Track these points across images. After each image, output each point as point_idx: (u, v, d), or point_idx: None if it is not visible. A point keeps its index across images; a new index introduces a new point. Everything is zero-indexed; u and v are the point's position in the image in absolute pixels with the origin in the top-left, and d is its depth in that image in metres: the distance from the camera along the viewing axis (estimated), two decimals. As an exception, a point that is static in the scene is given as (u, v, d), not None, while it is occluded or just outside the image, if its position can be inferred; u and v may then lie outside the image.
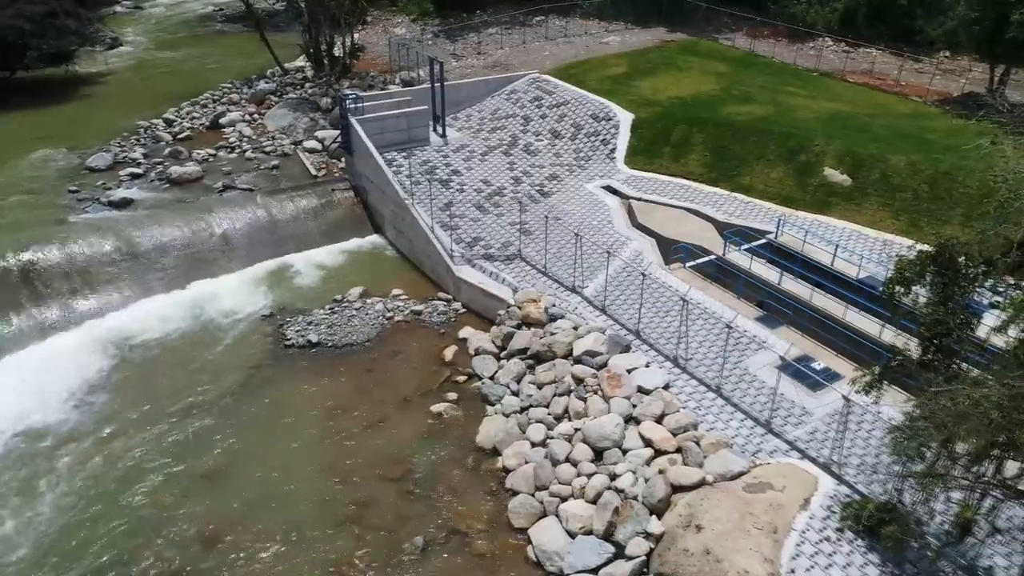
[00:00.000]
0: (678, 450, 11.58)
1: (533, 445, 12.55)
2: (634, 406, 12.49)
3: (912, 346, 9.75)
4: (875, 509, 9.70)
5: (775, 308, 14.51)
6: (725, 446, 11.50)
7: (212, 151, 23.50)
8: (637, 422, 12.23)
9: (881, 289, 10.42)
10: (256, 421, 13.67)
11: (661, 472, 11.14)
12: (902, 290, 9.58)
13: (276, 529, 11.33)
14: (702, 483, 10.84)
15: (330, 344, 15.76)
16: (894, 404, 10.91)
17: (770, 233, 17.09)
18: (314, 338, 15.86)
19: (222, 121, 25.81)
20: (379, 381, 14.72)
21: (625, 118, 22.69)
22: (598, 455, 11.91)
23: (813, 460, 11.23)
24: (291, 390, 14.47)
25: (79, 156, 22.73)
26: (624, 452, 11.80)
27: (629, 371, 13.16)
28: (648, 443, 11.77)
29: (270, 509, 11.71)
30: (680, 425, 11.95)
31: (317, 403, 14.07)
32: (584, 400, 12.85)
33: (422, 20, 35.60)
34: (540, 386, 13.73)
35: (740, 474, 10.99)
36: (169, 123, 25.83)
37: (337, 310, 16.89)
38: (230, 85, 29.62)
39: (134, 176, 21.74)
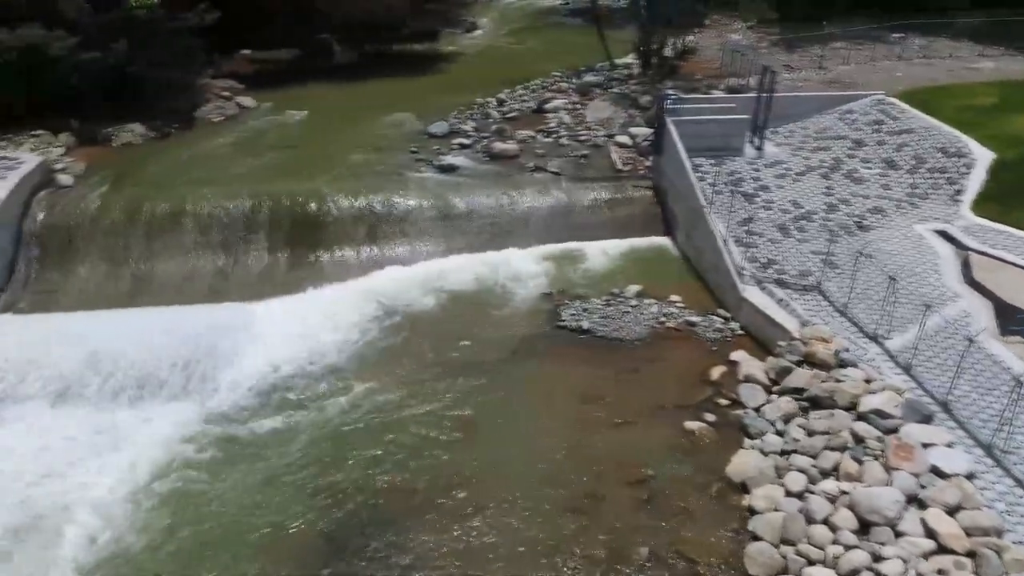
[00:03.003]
0: (970, 554, 9.63)
1: (788, 494, 11.36)
2: (922, 487, 10.66)
3: None
4: None
5: None
6: (1037, 569, 9.31)
7: (532, 133, 25.00)
8: (922, 506, 10.43)
9: None
10: (515, 389, 14.33)
11: (941, 573, 9.36)
12: None
13: (507, 495, 11.76)
14: (995, 603, 8.90)
15: (599, 334, 15.91)
16: None
17: None
18: (586, 325, 16.14)
19: (547, 107, 27.32)
20: (639, 382, 14.51)
21: (983, 156, 19.38)
22: (864, 528, 10.39)
23: None
24: (554, 369, 14.91)
25: (423, 123, 25.69)
26: (897, 535, 10.14)
27: (924, 446, 11.25)
28: (931, 535, 9.97)
29: (506, 475, 12.20)
30: (979, 526, 9.92)
31: (574, 387, 14.31)
32: (860, 462, 11.30)
33: (762, 27, 34.04)
34: (811, 433, 12.38)
35: (1052, 610, 8.82)
36: (501, 103, 28.05)
37: (613, 303, 16.98)
38: (560, 74, 31.24)
39: (462, 146, 23.97)
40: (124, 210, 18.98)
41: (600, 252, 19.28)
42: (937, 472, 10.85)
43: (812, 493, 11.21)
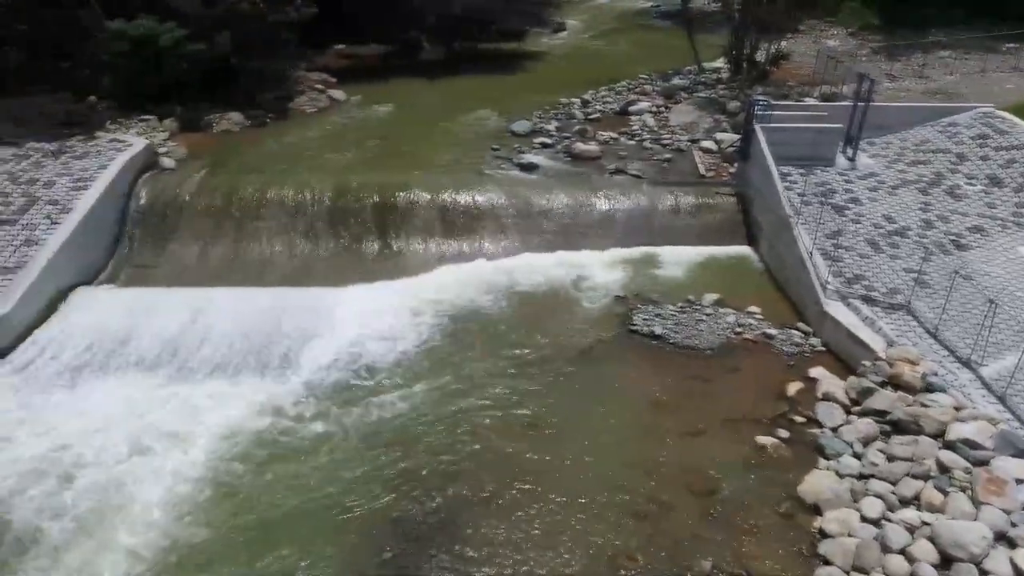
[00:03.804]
0: (1063, 601, 9.02)
1: (864, 519, 10.89)
2: (1013, 524, 10.03)
3: None
4: None
5: None
6: None
7: (614, 135, 24.82)
8: (1012, 545, 9.82)
9: None
10: (584, 391, 14.28)
11: (1029, 617, 8.81)
12: None
13: (570, 495, 11.73)
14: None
15: (672, 341, 15.67)
16: None
17: None
18: (658, 331, 15.91)
19: (631, 109, 27.07)
20: (710, 393, 14.21)
21: (1102, 178, 18.03)
22: (945, 563, 9.86)
23: None
24: (624, 373, 14.78)
25: (506, 120, 25.90)
26: (982, 573, 9.58)
27: (1019, 481, 10.59)
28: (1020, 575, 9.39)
29: (571, 475, 12.17)
30: (1075, 571, 9.27)
31: (644, 393, 14.15)
32: (945, 493, 10.74)
33: (861, 34, 32.69)
34: (891, 458, 11.82)
35: None
36: (585, 103, 27.96)
37: (687, 310, 16.68)
38: (646, 77, 30.92)
39: (544, 145, 24.02)
40: (219, 194, 19.92)
41: (678, 258, 18.96)
42: (1030, 510, 10.20)
43: (890, 521, 10.73)
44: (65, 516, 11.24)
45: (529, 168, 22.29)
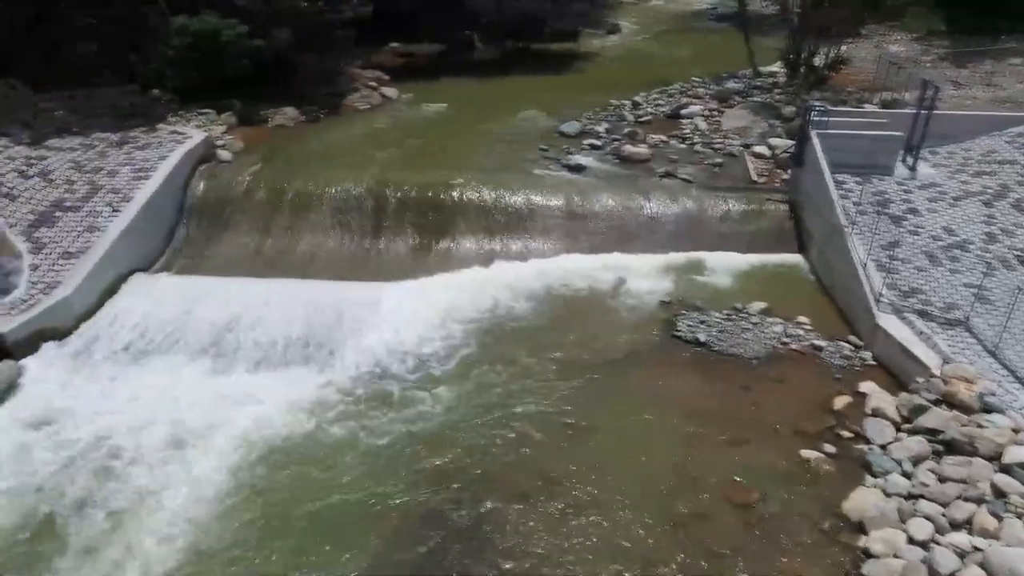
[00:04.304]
0: (1124, 638, 8.56)
1: (911, 541, 10.52)
2: (1072, 555, 9.57)
3: None
4: None
5: None
6: None
7: (664, 138, 24.52)
8: (1070, 576, 9.36)
9: None
10: (624, 395, 14.14)
11: (1086, 653, 8.38)
12: None
13: (607, 499, 11.64)
14: None
15: (716, 348, 15.40)
16: None
17: None
18: (702, 337, 15.66)
19: (682, 112, 26.70)
20: (754, 402, 13.92)
21: None
22: (997, 591, 9.48)
23: None
24: (666, 378, 14.59)
25: (556, 121, 25.82)
26: (1036, 604, 9.18)
27: (1079, 510, 10.10)
28: (1078, 609, 8.95)
29: (608, 479, 12.07)
30: None
31: (685, 399, 13.94)
32: (1000, 518, 10.30)
33: (927, 39, 31.62)
34: (943, 479, 11.39)
35: None
36: (635, 106, 27.70)
37: (733, 318, 16.37)
38: (700, 80, 30.46)
39: (592, 147, 23.87)
40: (271, 187, 20.36)
41: (726, 264, 18.63)
42: (1092, 541, 9.71)
43: (939, 544, 10.34)
44: (104, 502, 11.51)
45: (577, 169, 22.17)
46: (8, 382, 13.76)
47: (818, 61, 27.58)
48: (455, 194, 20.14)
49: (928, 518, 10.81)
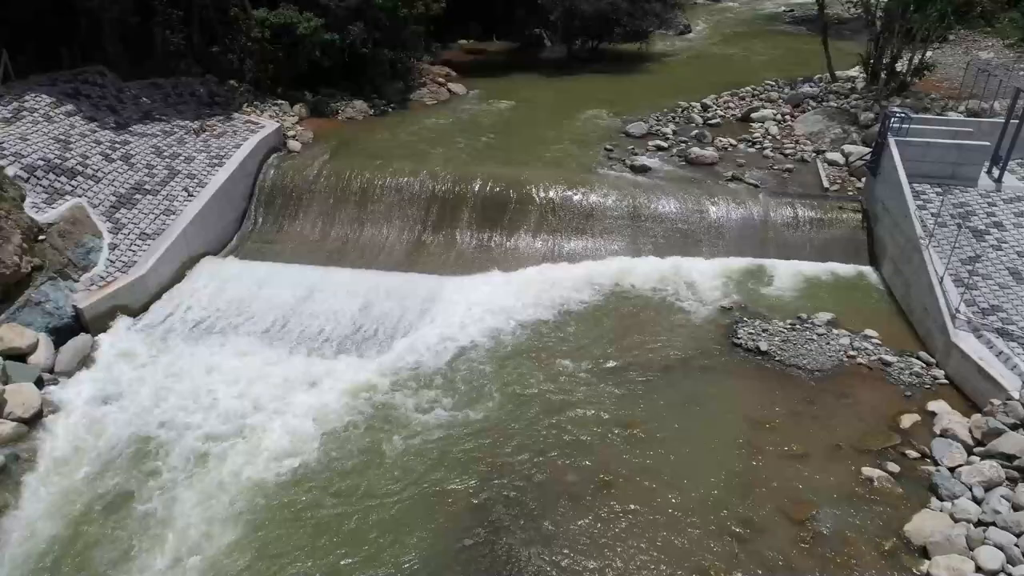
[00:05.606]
0: None
1: (979, 570, 10.01)
2: None
3: None
4: None
5: None
6: None
7: (734, 141, 24.02)
8: None
9: None
10: (681, 400, 13.89)
11: None
12: None
13: (658, 504, 11.46)
14: None
15: (777, 358, 14.98)
16: None
17: None
18: (764, 346, 15.25)
19: (753, 116, 26.10)
20: (816, 416, 13.48)
21: None
22: (1072, 629, 8.92)
23: None
24: (725, 386, 14.27)
25: (621, 121, 25.61)
26: (1116, 647, 8.59)
27: None
28: None
29: (661, 484, 11.87)
30: None
31: (744, 409, 13.60)
32: (1078, 553, 9.69)
33: (1021, 47, 30.01)
34: (1017, 507, 10.79)
35: None
36: (705, 108, 27.19)
37: (798, 328, 15.89)
38: (773, 83, 29.70)
39: (659, 148, 23.56)
40: (338, 178, 20.78)
41: (792, 273, 18.11)
42: None
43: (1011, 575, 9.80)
44: (163, 481, 11.85)
45: (641, 170, 21.91)
46: (83, 355, 14.44)
47: (901, 66, 26.50)
48: (518, 191, 20.15)
49: (999, 547, 10.25)
